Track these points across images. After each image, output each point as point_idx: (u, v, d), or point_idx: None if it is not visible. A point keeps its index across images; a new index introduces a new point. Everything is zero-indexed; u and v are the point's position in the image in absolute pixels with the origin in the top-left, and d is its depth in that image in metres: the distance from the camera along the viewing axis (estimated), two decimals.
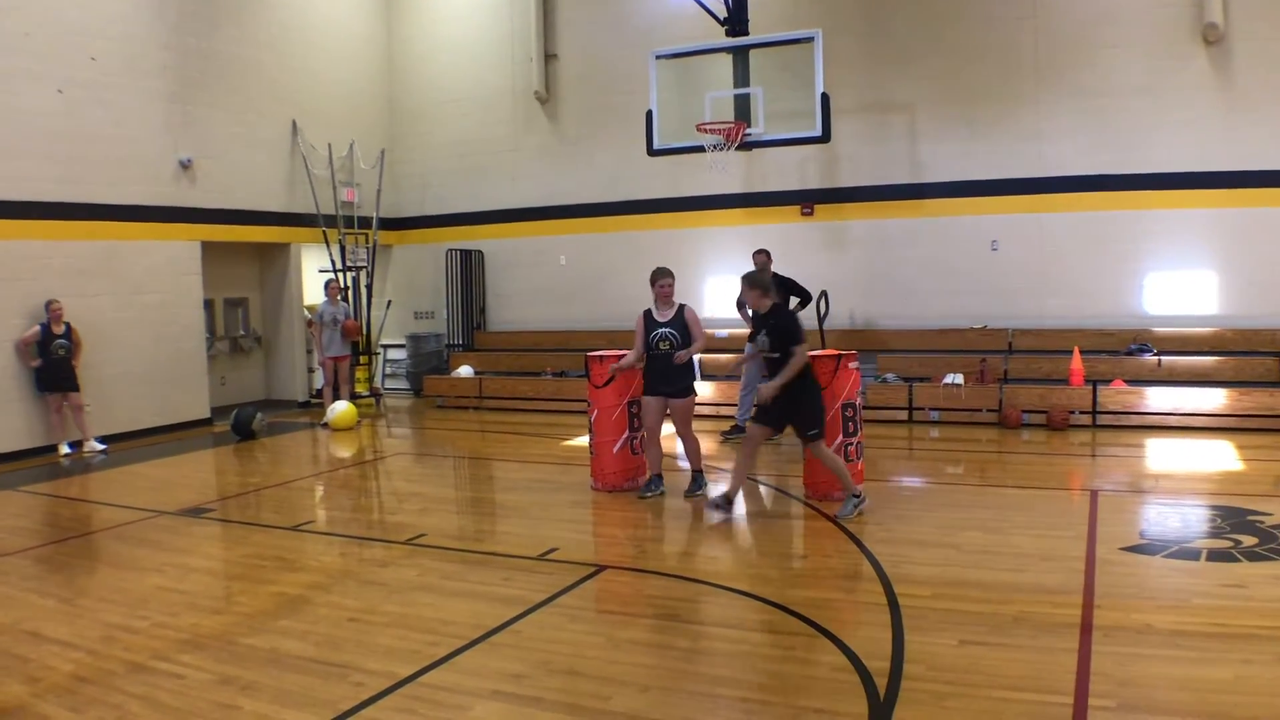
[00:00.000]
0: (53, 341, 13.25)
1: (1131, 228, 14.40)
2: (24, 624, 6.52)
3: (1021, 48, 14.84)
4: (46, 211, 13.60)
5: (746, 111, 13.25)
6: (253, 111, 17.03)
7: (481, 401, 17.11)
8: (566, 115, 18.56)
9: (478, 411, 16.75)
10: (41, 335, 13.19)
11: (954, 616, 5.97)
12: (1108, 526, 7.98)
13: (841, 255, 16.19)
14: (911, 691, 4.93)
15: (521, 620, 6.27)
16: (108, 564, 8.21)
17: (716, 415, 14.82)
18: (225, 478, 12.31)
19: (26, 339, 13.13)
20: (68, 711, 5.12)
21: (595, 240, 17.73)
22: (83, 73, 14.05)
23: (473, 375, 17.63)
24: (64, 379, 13.37)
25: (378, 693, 5.19)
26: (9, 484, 11.61)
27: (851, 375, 9.25)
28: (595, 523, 8.99)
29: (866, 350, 14.11)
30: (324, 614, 6.56)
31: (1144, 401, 13.00)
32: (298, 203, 17.89)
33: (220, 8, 16.40)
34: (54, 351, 13.25)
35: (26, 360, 13.17)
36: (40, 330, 13.20)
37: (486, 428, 15.24)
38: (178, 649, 5.95)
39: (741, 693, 5.07)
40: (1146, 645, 5.42)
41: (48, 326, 13.24)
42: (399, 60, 20.13)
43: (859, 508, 8.63)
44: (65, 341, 13.34)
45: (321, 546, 8.52)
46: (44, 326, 13.23)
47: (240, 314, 18.39)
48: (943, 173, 15.48)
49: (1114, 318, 14.56)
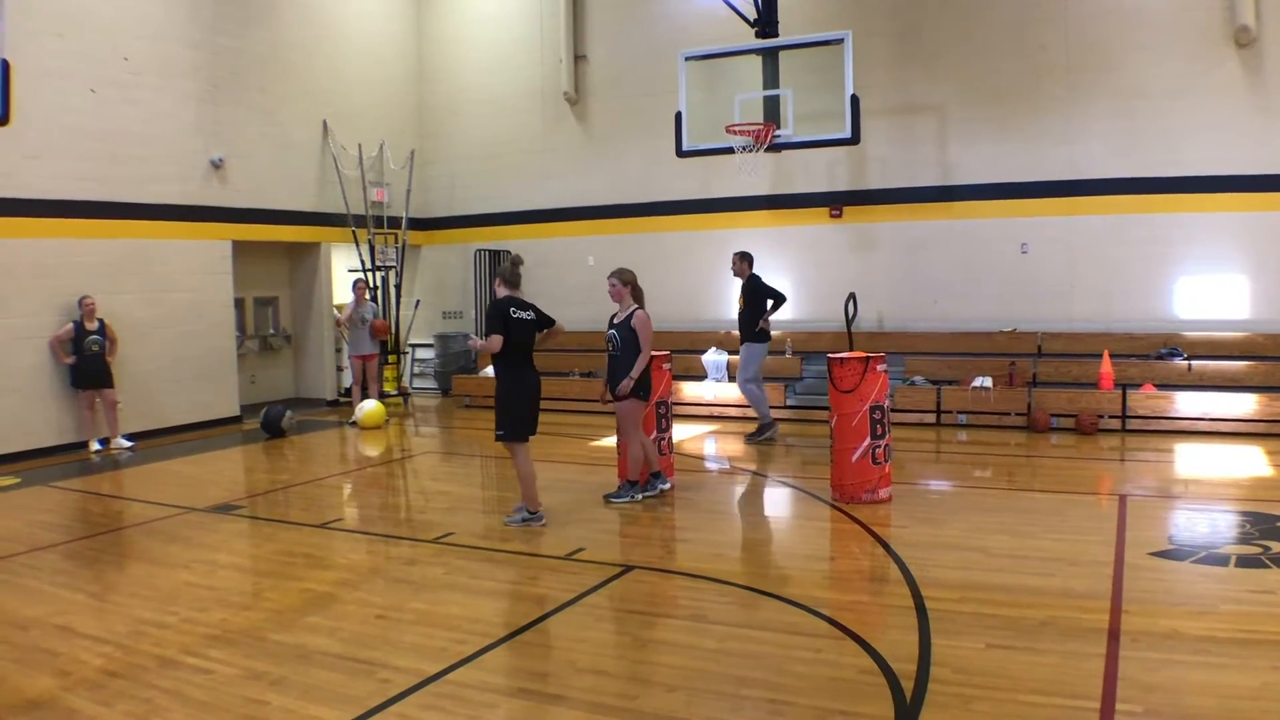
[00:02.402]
0: (86, 338, 13.37)
1: (1162, 231, 14.31)
2: (54, 618, 6.59)
3: (1052, 49, 14.76)
4: (79, 210, 13.75)
5: (776, 113, 13.27)
6: (284, 112, 17.15)
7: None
8: (596, 116, 18.60)
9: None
10: (75, 332, 13.32)
11: (981, 620, 5.96)
12: (1136, 531, 7.94)
13: (870, 257, 16.16)
14: (938, 695, 4.94)
15: (548, 619, 6.32)
16: (137, 559, 8.29)
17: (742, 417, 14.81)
18: (254, 475, 12.40)
19: (60, 336, 13.26)
20: (97, 705, 5.17)
21: (624, 241, 17.75)
22: (115, 72, 14.20)
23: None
24: (98, 375, 13.49)
25: (405, 690, 5.23)
26: (40, 479, 11.73)
27: (880, 378, 9.22)
28: (622, 523, 9.00)
29: (894, 353, 14.10)
30: (352, 611, 6.61)
31: (1174, 406, 12.92)
32: (328, 202, 18.00)
33: (252, 8, 16.53)
34: (88, 348, 13.37)
35: (61, 357, 13.30)
36: (74, 327, 13.33)
37: None
38: (206, 644, 6.01)
39: (768, 694, 5.07)
40: (1174, 651, 5.40)
41: (81, 323, 13.37)
42: (429, 61, 20.23)
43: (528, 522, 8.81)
44: (99, 338, 13.46)
45: (349, 544, 8.58)
46: (77, 323, 13.36)
47: (270, 313, 18.52)
48: (972, 175, 15.43)
49: (1144, 321, 14.48)
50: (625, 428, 9.57)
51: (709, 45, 14.20)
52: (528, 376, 8.76)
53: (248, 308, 17.89)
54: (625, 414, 9.50)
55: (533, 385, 8.78)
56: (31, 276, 13.14)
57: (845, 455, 9.24)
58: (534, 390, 8.80)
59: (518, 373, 8.71)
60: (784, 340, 16.14)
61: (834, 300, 15.59)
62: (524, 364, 8.74)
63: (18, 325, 12.98)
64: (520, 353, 8.68)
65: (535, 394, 8.81)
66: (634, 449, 9.55)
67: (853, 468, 9.20)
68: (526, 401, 8.73)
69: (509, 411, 8.69)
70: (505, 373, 8.71)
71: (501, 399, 8.76)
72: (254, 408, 16.03)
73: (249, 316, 17.98)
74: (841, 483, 9.33)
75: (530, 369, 8.79)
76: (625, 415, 9.50)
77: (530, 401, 8.76)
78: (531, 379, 8.77)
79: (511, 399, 8.70)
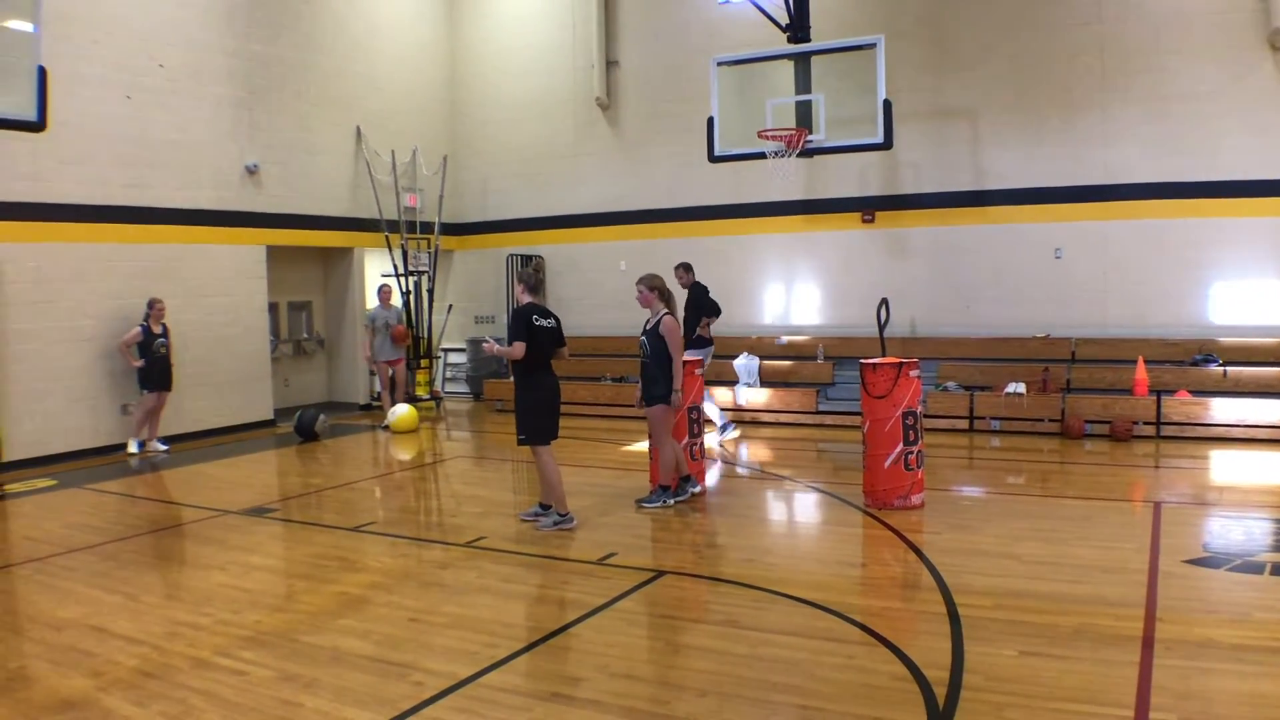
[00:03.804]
0: (155, 341, 13.56)
1: (1197, 236, 14.21)
2: (90, 619, 6.67)
3: (1086, 53, 14.69)
4: (115, 215, 13.91)
5: (808, 118, 13.26)
6: (318, 118, 17.29)
7: None
8: (627, 121, 18.64)
9: None
10: (143, 335, 13.48)
11: (1014, 627, 5.93)
12: (1170, 539, 7.89)
13: (903, 263, 16.11)
14: (971, 702, 4.93)
15: (580, 624, 6.33)
16: (172, 561, 8.39)
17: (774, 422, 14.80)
18: (288, 478, 12.50)
19: (129, 340, 13.43)
20: (132, 705, 5.23)
21: (655, 246, 17.76)
22: (151, 79, 14.36)
23: None
24: (165, 378, 13.71)
25: (438, 693, 5.26)
26: (76, 481, 11.87)
27: (913, 383, 9.19)
28: (654, 528, 9.01)
29: (927, 358, 14.04)
30: (384, 614, 6.66)
31: (1209, 412, 12.82)
32: (361, 208, 18.13)
33: (286, 15, 16.67)
34: (156, 350, 13.56)
35: (130, 360, 13.46)
36: (142, 331, 13.49)
37: None
38: (240, 646, 6.07)
39: (800, 700, 5.07)
40: (1208, 659, 5.37)
41: (148, 326, 13.54)
42: (462, 67, 20.33)
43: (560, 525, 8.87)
44: (165, 340, 13.67)
45: (382, 547, 8.62)
46: (145, 326, 13.52)
47: (304, 317, 18.67)
48: (1006, 180, 15.36)
49: (1179, 327, 14.37)
50: (656, 433, 9.59)
51: (741, 50, 14.23)
52: (547, 381, 8.90)
53: (282, 312, 18.05)
54: (656, 419, 9.52)
55: (552, 389, 8.93)
56: (67, 281, 13.30)
57: (878, 461, 9.22)
58: (554, 394, 8.95)
59: (538, 378, 8.85)
60: (815, 345, 16.13)
61: (866, 305, 15.50)
62: (544, 369, 8.88)
63: (54, 330, 13.14)
64: (541, 359, 8.81)
65: (555, 398, 8.96)
66: (665, 454, 9.57)
67: (885, 473, 9.18)
68: (546, 406, 8.86)
69: (530, 416, 8.81)
70: (525, 378, 8.86)
71: (521, 403, 8.89)
72: (287, 411, 16.16)
73: (283, 321, 18.15)
74: (874, 488, 9.31)
75: (550, 373, 8.93)
76: (656, 420, 9.53)
77: (550, 406, 8.91)
78: (551, 383, 8.92)
79: (532, 404, 8.82)
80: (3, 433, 12.62)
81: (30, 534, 9.41)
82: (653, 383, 9.45)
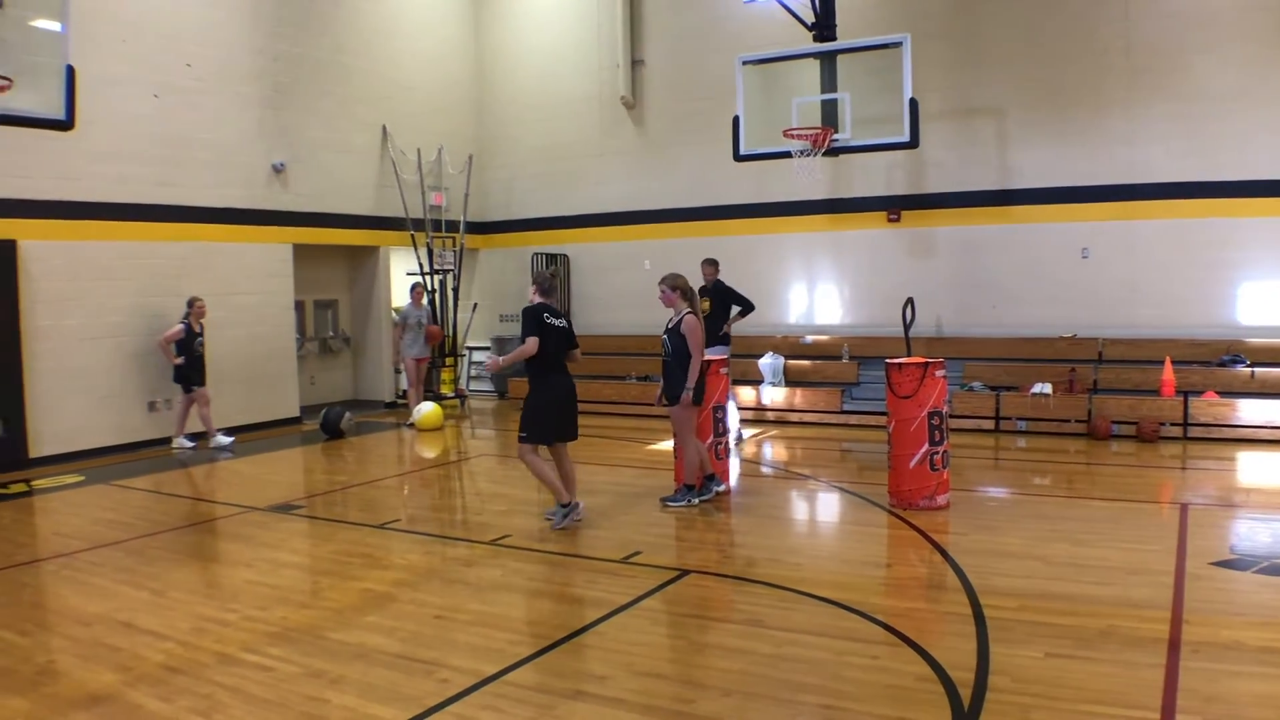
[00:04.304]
0: (195, 339, 13.73)
1: (1225, 235, 14.09)
2: (117, 614, 6.72)
3: (1112, 52, 14.60)
4: (142, 213, 14.02)
5: (833, 117, 13.21)
6: (344, 117, 17.37)
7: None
8: (652, 120, 18.65)
9: None
10: (184, 333, 13.61)
11: (1040, 629, 5.92)
12: (1197, 541, 7.85)
13: (928, 262, 16.06)
14: (996, 703, 4.91)
15: (605, 622, 6.34)
16: (199, 557, 8.44)
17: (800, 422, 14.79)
18: (314, 475, 12.57)
19: (170, 337, 13.58)
20: (158, 701, 5.27)
21: (680, 245, 17.74)
22: (178, 78, 14.46)
23: None
24: (202, 374, 13.86)
25: (463, 690, 5.28)
26: (103, 477, 11.97)
27: (938, 383, 9.16)
28: (678, 527, 9.02)
29: (953, 358, 13.95)
30: (410, 611, 6.69)
31: (1236, 414, 12.73)
32: (387, 206, 18.20)
33: (312, 14, 16.76)
34: (196, 349, 13.74)
35: (170, 357, 13.58)
36: (184, 329, 13.61)
37: None
38: (267, 641, 6.12)
39: (824, 700, 5.07)
40: (1235, 662, 5.34)
41: (189, 324, 13.67)
42: (487, 66, 20.39)
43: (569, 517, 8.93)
44: (203, 339, 13.85)
45: (407, 545, 8.65)
46: (186, 324, 13.67)
47: (330, 315, 18.76)
48: (1032, 179, 15.29)
49: (1206, 328, 14.26)
50: (680, 432, 9.61)
51: (766, 49, 14.18)
52: (562, 381, 8.83)
53: (308, 310, 18.14)
54: (679, 418, 9.54)
55: (565, 390, 8.85)
56: (95, 279, 13.41)
57: (903, 461, 9.20)
58: (565, 396, 8.86)
59: (552, 379, 8.79)
60: (841, 345, 16.10)
61: (891, 305, 15.38)
62: (556, 369, 8.80)
63: (80, 326, 13.25)
64: (553, 358, 8.74)
65: (566, 400, 8.87)
66: (689, 453, 9.58)
67: (910, 474, 9.16)
68: (556, 408, 8.80)
69: (538, 415, 8.75)
70: (536, 379, 8.78)
71: (531, 402, 8.81)
72: (313, 409, 16.25)
73: (309, 319, 18.24)
74: (899, 489, 9.29)
75: (563, 374, 8.86)
76: (679, 420, 9.54)
77: (560, 408, 8.83)
78: (565, 384, 8.85)
79: (542, 404, 8.76)
80: (30, 429, 12.72)
81: (58, 529, 9.53)
82: (674, 382, 9.46)
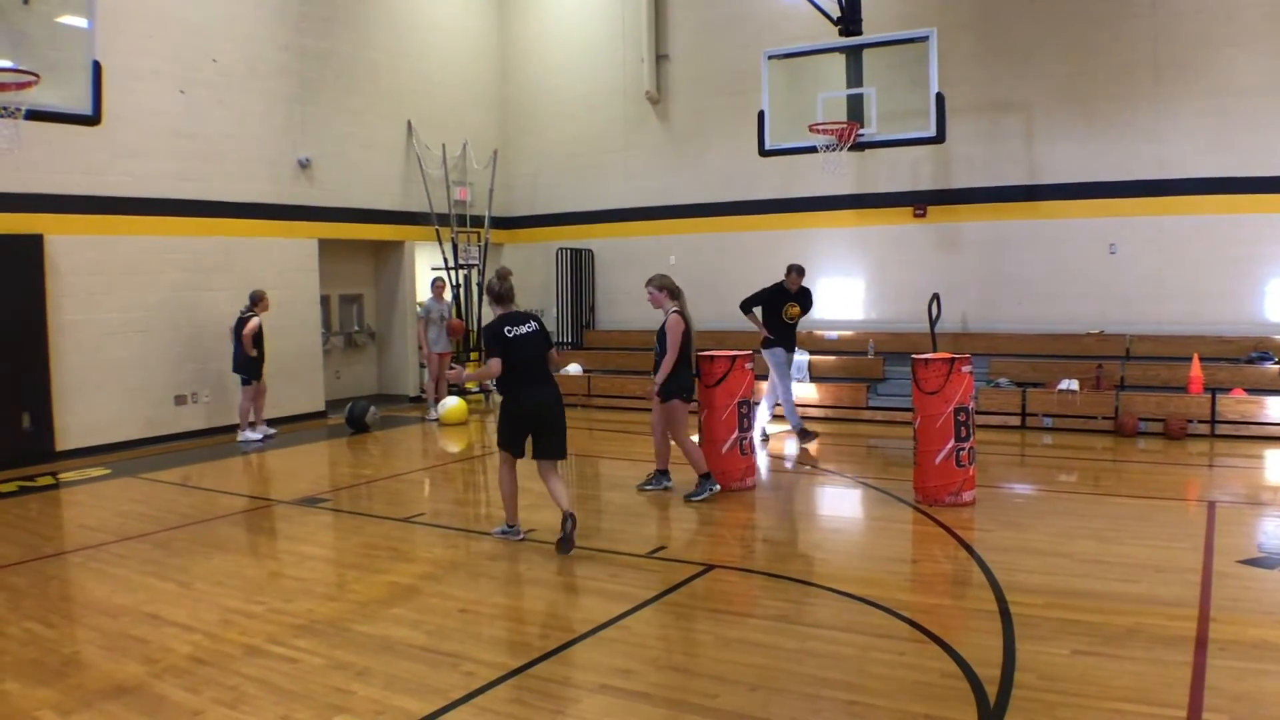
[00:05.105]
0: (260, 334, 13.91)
1: (1253, 231, 13.97)
2: (144, 606, 6.78)
3: (1140, 46, 14.49)
4: (169, 208, 14.12)
5: (859, 112, 13.18)
6: (369, 112, 17.43)
7: (589, 399, 17.27)
8: (677, 115, 18.63)
9: (585, 409, 16.87)
10: (260, 326, 13.78)
11: (1066, 626, 5.90)
12: (1225, 539, 7.80)
13: (954, 257, 15.99)
14: (1022, 700, 4.91)
15: (630, 616, 6.36)
16: (225, 550, 8.47)
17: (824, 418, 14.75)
18: (339, 469, 12.64)
19: (254, 330, 13.71)
20: (185, 692, 5.31)
21: (705, 240, 17.76)
22: (204, 74, 14.54)
23: (581, 373, 17.80)
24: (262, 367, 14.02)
25: (488, 683, 5.31)
26: (130, 470, 12.08)
27: (964, 379, 9.13)
28: (702, 522, 9.03)
29: (979, 354, 13.93)
30: (435, 604, 6.73)
31: (1264, 411, 12.62)
32: (412, 201, 18.26)
33: (338, 10, 16.82)
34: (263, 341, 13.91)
35: (250, 350, 13.72)
36: (259, 322, 13.78)
37: (594, 426, 15.36)
38: (292, 634, 6.17)
39: (849, 695, 5.08)
40: (1262, 660, 5.32)
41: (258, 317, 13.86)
42: (512, 62, 20.41)
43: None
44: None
45: (432, 538, 8.71)
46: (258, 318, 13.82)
47: (355, 310, 18.84)
48: (1059, 174, 15.20)
49: (1234, 324, 14.15)
50: (673, 427, 9.75)
51: (792, 43, 14.16)
52: (530, 394, 8.06)
53: (333, 305, 18.23)
54: (670, 414, 9.73)
55: (533, 404, 8.07)
56: (121, 273, 13.51)
57: (929, 457, 9.18)
58: (532, 409, 8.08)
59: (522, 392, 8.04)
60: (866, 340, 16.06)
61: (917, 301, 15.43)
62: (528, 381, 8.04)
63: (106, 321, 13.35)
64: (524, 371, 8.00)
65: (532, 413, 8.10)
66: (687, 446, 9.70)
67: (936, 470, 9.14)
68: (515, 423, 8.12)
69: (501, 429, 8.25)
70: (505, 392, 8.16)
71: (499, 416, 8.35)
72: (339, 403, 16.33)
73: (334, 313, 18.33)
74: (924, 485, 9.27)
75: (535, 385, 8.10)
76: (670, 415, 9.73)
77: (519, 423, 8.13)
78: (533, 397, 8.06)
79: (505, 418, 8.22)
80: (57, 422, 12.82)
81: (85, 522, 9.62)
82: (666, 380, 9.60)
